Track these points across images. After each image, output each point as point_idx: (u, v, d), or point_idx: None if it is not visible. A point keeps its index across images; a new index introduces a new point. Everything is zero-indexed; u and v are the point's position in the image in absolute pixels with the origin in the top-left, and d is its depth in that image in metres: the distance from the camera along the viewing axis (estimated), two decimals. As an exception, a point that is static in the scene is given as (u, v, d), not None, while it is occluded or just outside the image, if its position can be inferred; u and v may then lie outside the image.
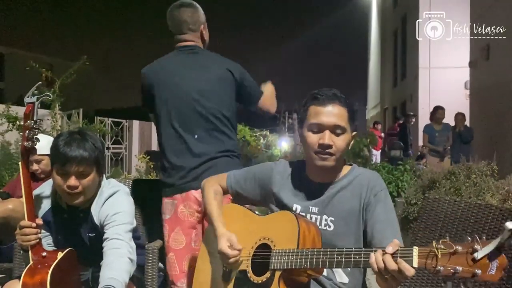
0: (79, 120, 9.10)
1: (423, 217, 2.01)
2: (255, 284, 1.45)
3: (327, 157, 1.51)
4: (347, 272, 1.53)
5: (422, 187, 3.77)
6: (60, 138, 1.82)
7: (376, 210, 1.49)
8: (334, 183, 1.58)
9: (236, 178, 1.75)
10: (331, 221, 1.53)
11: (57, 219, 1.91)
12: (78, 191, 1.78)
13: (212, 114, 2.14)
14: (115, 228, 1.79)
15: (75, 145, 1.76)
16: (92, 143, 1.80)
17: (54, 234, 1.95)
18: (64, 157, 1.74)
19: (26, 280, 1.65)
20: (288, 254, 1.39)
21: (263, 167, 1.74)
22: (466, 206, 1.90)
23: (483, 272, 1.04)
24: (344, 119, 1.52)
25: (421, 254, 1.12)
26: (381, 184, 1.57)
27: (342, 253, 1.28)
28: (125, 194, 1.93)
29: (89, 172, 1.79)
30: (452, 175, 3.58)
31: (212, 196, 1.71)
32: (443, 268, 1.07)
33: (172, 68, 2.19)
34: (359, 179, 1.56)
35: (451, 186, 3.45)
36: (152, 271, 2.03)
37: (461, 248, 1.07)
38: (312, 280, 1.49)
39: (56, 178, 1.80)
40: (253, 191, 1.71)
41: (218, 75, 2.20)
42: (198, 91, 2.14)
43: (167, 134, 2.17)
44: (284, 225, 1.45)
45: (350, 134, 1.55)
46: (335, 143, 1.50)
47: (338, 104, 1.52)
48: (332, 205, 1.54)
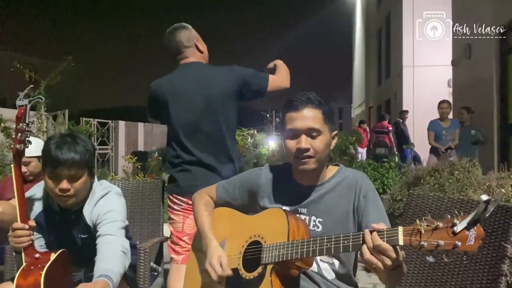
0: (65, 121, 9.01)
1: (408, 213, 2.07)
2: (247, 280, 1.48)
3: (307, 160, 1.54)
4: (335, 269, 1.58)
5: (407, 183, 3.85)
6: (51, 141, 1.81)
7: (368, 212, 1.53)
8: (322, 184, 1.61)
9: (224, 188, 1.78)
10: (319, 222, 1.57)
11: (49, 220, 1.92)
12: (70, 194, 1.79)
13: (217, 126, 2.33)
14: (107, 226, 1.80)
15: (66, 148, 1.77)
16: (83, 146, 1.80)
17: (46, 235, 1.96)
18: (56, 161, 1.75)
19: (20, 282, 1.66)
20: (279, 247, 1.43)
21: (250, 174, 1.77)
22: (449, 202, 1.97)
23: (463, 243, 1.13)
24: (318, 121, 1.54)
25: (405, 232, 1.20)
26: (369, 185, 1.61)
27: (331, 239, 1.33)
28: (116, 194, 1.95)
29: (80, 174, 1.80)
30: (436, 171, 3.67)
31: (203, 208, 1.74)
32: (426, 243, 1.16)
33: (178, 83, 2.38)
34: (347, 180, 1.60)
35: (435, 182, 3.54)
36: (144, 271, 2.06)
37: (442, 224, 1.16)
38: (303, 275, 1.54)
39: (47, 181, 1.80)
40: (242, 198, 1.74)
41: (221, 87, 2.34)
42: (204, 105, 2.33)
43: (176, 142, 2.38)
44: (274, 221, 1.48)
45: (329, 135, 1.57)
46: (312, 146, 1.53)
47: (311, 107, 1.54)
48: (320, 207, 1.58)
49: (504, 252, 1.65)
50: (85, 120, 10.96)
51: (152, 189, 2.72)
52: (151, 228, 2.66)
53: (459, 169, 3.56)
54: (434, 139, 6.72)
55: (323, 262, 1.57)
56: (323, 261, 1.57)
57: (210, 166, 2.31)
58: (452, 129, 6.63)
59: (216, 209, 1.75)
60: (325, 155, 1.57)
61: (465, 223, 1.13)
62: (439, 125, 6.73)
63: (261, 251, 1.47)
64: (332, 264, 1.57)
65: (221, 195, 1.77)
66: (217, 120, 2.32)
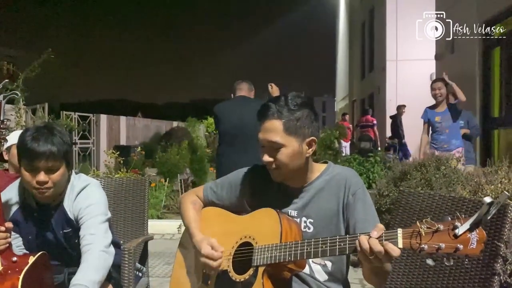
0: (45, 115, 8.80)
1: (398, 210, 2.04)
2: (237, 282, 1.44)
3: (274, 171, 1.51)
4: (328, 271, 1.54)
5: (394, 178, 3.83)
6: (27, 134, 1.77)
7: (356, 209, 1.49)
8: (310, 184, 1.56)
9: (212, 189, 1.73)
10: (310, 222, 1.52)
11: (27, 219, 1.85)
12: (48, 186, 1.75)
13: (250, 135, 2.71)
14: (88, 222, 1.77)
15: (42, 139, 1.72)
16: (60, 137, 1.76)
17: (25, 235, 1.88)
18: (32, 153, 1.70)
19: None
20: (271, 249, 1.38)
21: (238, 174, 1.72)
22: (440, 199, 1.94)
23: (464, 246, 1.09)
24: (279, 134, 1.45)
25: (405, 234, 1.17)
26: (358, 182, 1.56)
27: (326, 241, 1.29)
28: (96, 187, 1.91)
29: (58, 166, 1.76)
30: (422, 166, 3.66)
31: (190, 206, 1.69)
32: (427, 246, 1.12)
33: (229, 106, 4.22)
34: (336, 179, 1.55)
35: (422, 177, 3.53)
36: (128, 272, 1.99)
37: (442, 226, 1.13)
38: (294, 277, 1.49)
39: (24, 174, 1.75)
40: (229, 199, 1.69)
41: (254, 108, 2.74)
42: (242, 120, 3.94)
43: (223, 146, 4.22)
44: (266, 222, 1.44)
45: (297, 145, 1.47)
46: (275, 158, 1.47)
47: (272, 118, 1.46)
48: (311, 207, 1.54)
49: (497, 251, 1.63)
50: (65, 113, 10.72)
51: (136, 186, 2.63)
52: (136, 226, 2.58)
53: (445, 164, 3.56)
54: (430, 130, 5.34)
55: (315, 264, 1.53)
56: (315, 263, 1.53)
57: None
58: (448, 115, 5.17)
59: (205, 209, 1.70)
60: (295, 164, 1.49)
61: (467, 225, 1.10)
62: (431, 111, 5.32)
63: (252, 252, 1.42)
64: (324, 266, 1.53)
65: (208, 196, 1.72)
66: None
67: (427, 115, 5.30)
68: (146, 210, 2.61)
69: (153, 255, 3.05)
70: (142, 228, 2.57)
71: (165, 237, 5.33)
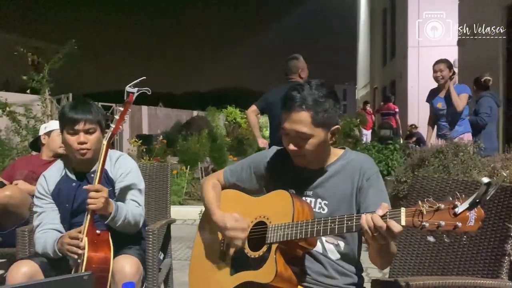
0: (69, 105, 9.02)
1: (413, 194, 2.09)
2: (252, 258, 1.52)
3: (299, 157, 1.57)
4: (340, 251, 1.60)
5: (412, 165, 3.85)
6: (65, 106, 2.12)
7: (368, 194, 1.55)
8: (326, 167, 1.63)
9: (231, 171, 1.80)
10: (325, 204, 1.59)
11: (67, 188, 2.07)
12: (87, 147, 2.02)
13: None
14: (132, 191, 2.10)
15: (80, 107, 2.04)
16: (94, 106, 2.10)
17: (61, 204, 2.06)
18: (73, 118, 2.01)
19: (91, 255, 1.82)
20: (284, 227, 1.46)
21: (257, 156, 1.79)
22: (453, 183, 1.98)
23: (463, 224, 1.17)
24: (307, 125, 1.49)
25: (408, 213, 1.24)
26: (373, 168, 1.62)
27: (335, 220, 1.37)
28: (130, 157, 2.25)
29: (94, 129, 2.05)
30: (440, 153, 3.66)
31: (210, 189, 1.76)
32: (428, 224, 1.20)
33: (278, 93, 3.70)
34: (352, 163, 1.61)
35: (440, 164, 3.54)
36: (152, 252, 2.09)
37: (443, 205, 1.20)
38: (307, 255, 1.57)
39: (67, 138, 2.03)
40: (249, 181, 1.76)
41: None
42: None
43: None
44: (279, 203, 1.51)
45: (323, 134, 1.52)
46: (301, 148, 1.53)
47: (301, 109, 1.49)
48: (326, 189, 1.60)
49: (508, 233, 1.68)
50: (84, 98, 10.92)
51: (159, 171, 2.73)
52: (159, 210, 2.69)
53: (464, 151, 3.56)
54: (433, 115, 4.97)
55: (328, 243, 1.59)
56: (328, 242, 1.59)
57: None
58: (451, 101, 4.67)
59: (223, 192, 1.78)
60: (319, 150, 1.56)
61: (466, 204, 1.16)
62: (434, 96, 4.87)
63: (266, 231, 1.50)
64: (337, 245, 1.60)
65: (228, 178, 1.80)
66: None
67: (430, 99, 4.96)
68: (168, 195, 2.71)
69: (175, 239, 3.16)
70: (165, 212, 2.68)
71: (187, 222, 5.47)
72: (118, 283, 1.82)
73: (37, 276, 1.84)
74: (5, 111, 6.82)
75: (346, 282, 1.60)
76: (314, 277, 1.57)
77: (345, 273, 1.60)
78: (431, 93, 4.98)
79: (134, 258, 1.91)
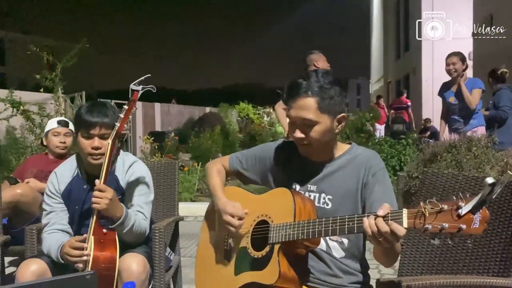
0: (82, 103, 9.12)
1: (422, 191, 2.04)
2: (255, 258, 1.51)
3: (303, 147, 1.55)
4: (344, 248, 1.58)
5: (424, 160, 3.78)
6: (82, 108, 2.03)
7: (374, 190, 1.52)
8: (332, 161, 1.60)
9: (238, 158, 1.79)
10: (329, 199, 1.57)
11: (77, 190, 2.04)
12: (101, 152, 1.95)
13: None
14: (140, 198, 2.05)
15: (96, 111, 1.97)
16: (111, 110, 2.02)
17: (72, 205, 2.05)
18: (88, 122, 1.95)
19: (96, 254, 1.81)
20: (286, 227, 1.44)
21: (263, 147, 1.78)
22: (464, 179, 1.93)
23: (467, 226, 1.12)
24: (313, 111, 1.47)
25: (410, 214, 1.20)
26: (379, 164, 1.58)
27: (336, 221, 1.34)
28: (143, 164, 2.18)
29: (109, 134, 1.94)
30: (453, 147, 3.59)
31: (215, 174, 1.76)
32: (430, 226, 1.15)
33: None
34: (358, 159, 1.58)
35: (452, 159, 3.47)
36: (159, 249, 2.09)
37: (446, 206, 1.15)
38: (311, 254, 1.55)
39: (81, 141, 1.98)
40: (254, 171, 1.75)
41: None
42: None
43: None
44: (280, 201, 1.50)
45: (329, 121, 1.50)
46: (307, 136, 1.51)
47: (306, 96, 1.47)
48: (330, 184, 1.58)
49: (519, 231, 1.63)
50: (102, 101, 11.03)
51: (167, 169, 2.73)
52: (167, 207, 2.69)
53: (477, 145, 3.48)
54: (445, 110, 4.78)
55: (332, 241, 1.57)
56: (332, 239, 1.57)
57: None
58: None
59: (226, 188, 1.77)
60: (326, 139, 1.54)
61: (470, 206, 1.11)
62: (446, 90, 4.72)
63: (269, 230, 1.49)
64: (341, 242, 1.57)
65: (234, 165, 1.79)
66: None
67: (442, 93, 4.81)
68: (176, 192, 2.71)
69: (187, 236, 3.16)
70: (173, 209, 2.68)
71: (198, 219, 5.48)
72: (125, 281, 1.83)
73: (45, 274, 1.86)
74: (19, 110, 6.90)
75: (351, 280, 1.58)
76: (318, 277, 1.55)
77: (350, 272, 1.58)
78: (443, 86, 4.87)
79: (141, 256, 1.91)
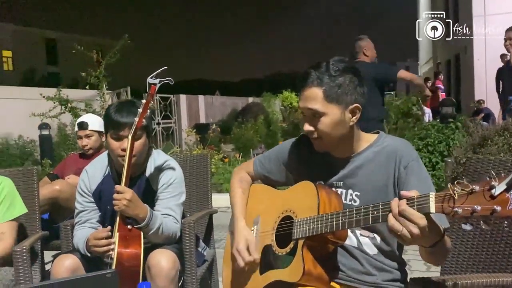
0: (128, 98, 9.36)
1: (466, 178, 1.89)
2: (279, 256, 1.44)
3: (316, 141, 1.45)
4: (377, 244, 1.47)
5: (473, 145, 3.54)
6: (111, 107, 1.99)
7: (409, 184, 1.38)
8: (357, 155, 1.48)
9: (261, 162, 1.72)
10: (356, 195, 1.46)
11: (109, 190, 1.99)
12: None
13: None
14: (170, 201, 2.00)
15: (125, 111, 1.91)
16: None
17: (103, 205, 2.03)
18: (118, 123, 1.89)
19: (121, 251, 1.80)
20: (309, 221, 1.36)
21: (284, 145, 1.68)
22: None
23: (502, 207, 0.99)
24: (318, 101, 1.38)
25: (437, 198, 1.09)
26: (411, 154, 1.44)
27: (360, 211, 1.25)
28: (175, 163, 2.10)
29: (140, 135, 1.91)
30: (505, 130, 3.33)
31: (237, 185, 1.70)
32: (461, 210, 1.03)
33: None
34: (386, 150, 1.45)
35: (504, 142, 3.22)
36: (189, 244, 2.07)
37: (478, 187, 1.03)
38: (341, 250, 1.46)
39: (111, 142, 1.93)
40: (278, 171, 1.67)
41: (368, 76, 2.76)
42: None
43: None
44: (304, 195, 1.41)
45: (339, 113, 1.39)
46: (316, 128, 1.41)
47: (311, 85, 1.38)
48: (357, 179, 1.46)
49: None
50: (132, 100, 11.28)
51: (199, 162, 2.71)
52: (200, 200, 2.67)
53: (533, 127, 3.21)
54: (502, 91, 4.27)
55: (364, 237, 1.47)
56: (363, 235, 1.47)
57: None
58: None
59: (253, 186, 1.71)
60: (337, 133, 1.42)
61: (504, 184, 0.98)
62: (505, 69, 4.38)
63: (293, 226, 1.41)
64: (373, 238, 1.46)
65: (258, 170, 1.72)
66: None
67: (500, 75, 4.61)
68: (209, 185, 2.69)
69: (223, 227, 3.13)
70: (206, 203, 2.66)
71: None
72: (154, 278, 1.81)
73: (78, 270, 1.88)
74: (67, 107, 7.17)
75: (385, 278, 1.47)
76: (349, 274, 1.45)
77: (384, 269, 1.47)
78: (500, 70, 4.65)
79: (171, 252, 1.88)
